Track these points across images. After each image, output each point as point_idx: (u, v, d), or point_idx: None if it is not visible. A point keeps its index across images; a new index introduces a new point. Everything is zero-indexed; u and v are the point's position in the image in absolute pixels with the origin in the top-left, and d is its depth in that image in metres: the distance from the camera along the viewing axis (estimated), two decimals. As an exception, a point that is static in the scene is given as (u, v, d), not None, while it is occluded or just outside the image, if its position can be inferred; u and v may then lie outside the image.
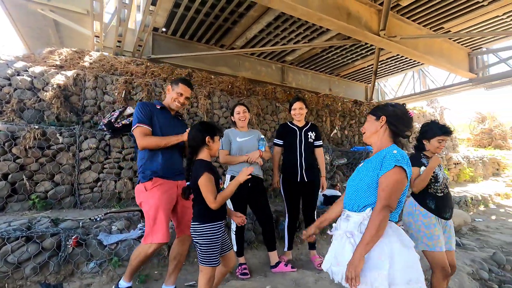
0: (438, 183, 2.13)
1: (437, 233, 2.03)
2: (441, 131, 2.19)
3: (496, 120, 13.43)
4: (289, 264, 2.81)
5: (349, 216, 1.45)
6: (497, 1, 4.98)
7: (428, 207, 2.11)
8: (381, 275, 1.23)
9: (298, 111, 3.03)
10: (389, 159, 1.36)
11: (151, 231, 1.97)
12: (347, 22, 4.66)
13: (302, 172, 2.97)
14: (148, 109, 2.19)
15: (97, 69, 4.85)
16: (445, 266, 2.02)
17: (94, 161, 3.47)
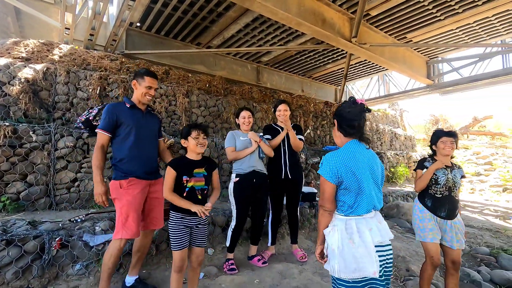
0: (439, 185, 2.35)
1: (429, 226, 2.33)
2: (442, 133, 2.41)
3: (447, 122, 14.82)
4: (261, 260, 2.97)
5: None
6: (452, 16, 5.57)
7: (425, 204, 2.41)
8: (334, 264, 1.46)
9: (283, 112, 3.19)
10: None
11: (123, 227, 2.05)
12: (322, 28, 4.92)
13: (287, 169, 3.14)
14: (115, 115, 2.19)
15: (67, 63, 4.60)
16: (433, 256, 2.31)
17: (71, 160, 3.32)
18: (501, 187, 8.63)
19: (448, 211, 2.32)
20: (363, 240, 1.44)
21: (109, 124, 2.17)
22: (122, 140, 2.20)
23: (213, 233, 3.22)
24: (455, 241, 2.28)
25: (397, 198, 5.96)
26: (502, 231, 4.67)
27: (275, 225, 3.24)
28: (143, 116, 2.33)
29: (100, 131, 2.16)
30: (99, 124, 3.44)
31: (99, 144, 2.14)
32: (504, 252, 3.72)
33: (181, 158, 2.12)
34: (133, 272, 2.33)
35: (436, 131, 2.48)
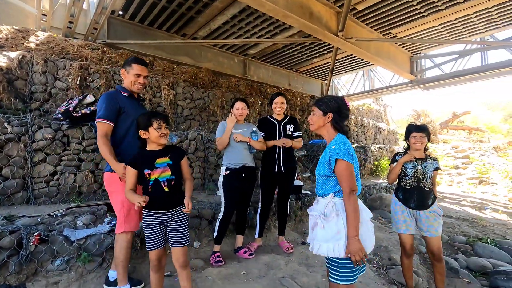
0: (407, 177, 2.43)
1: (402, 218, 2.42)
2: (413, 129, 2.46)
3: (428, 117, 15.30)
4: (247, 252, 2.98)
5: (318, 200, 1.72)
6: (435, 13, 5.69)
7: (398, 197, 2.50)
8: (339, 245, 1.52)
9: (279, 105, 3.18)
10: (333, 153, 1.60)
11: (125, 220, 2.02)
12: (309, 21, 4.91)
13: (280, 163, 3.14)
14: (117, 103, 2.09)
15: (45, 51, 4.39)
16: (405, 246, 2.42)
17: (50, 152, 3.18)
18: (477, 179, 9.03)
19: (417, 201, 2.40)
20: (363, 218, 1.57)
21: (112, 112, 2.05)
22: (122, 129, 2.11)
23: (199, 226, 3.19)
24: (432, 230, 2.36)
25: (380, 190, 6.12)
26: (478, 220, 4.89)
27: (264, 218, 3.25)
28: (137, 106, 2.25)
29: (102, 121, 2.02)
30: (79, 115, 3.35)
31: (102, 133, 2.01)
32: (480, 241, 3.90)
33: (140, 153, 1.92)
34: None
35: (408, 126, 2.54)
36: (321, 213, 1.62)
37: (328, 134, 1.73)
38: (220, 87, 6.41)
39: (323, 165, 1.66)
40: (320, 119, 1.72)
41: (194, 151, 4.35)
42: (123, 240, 2.03)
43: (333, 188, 1.63)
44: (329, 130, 1.72)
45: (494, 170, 9.48)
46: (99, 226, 2.63)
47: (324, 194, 1.66)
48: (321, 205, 1.65)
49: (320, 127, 1.73)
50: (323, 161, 1.68)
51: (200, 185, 4.45)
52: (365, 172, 7.82)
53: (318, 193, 1.73)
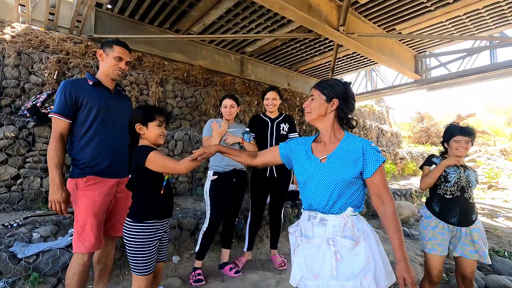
0: (449, 183, 2.02)
1: (429, 235, 2.00)
2: (457, 131, 2.07)
3: (432, 120, 14.91)
4: (233, 270, 2.60)
5: (324, 219, 1.22)
6: (442, 7, 5.33)
7: (432, 209, 2.07)
8: (368, 279, 1.11)
9: (271, 101, 2.83)
10: (373, 154, 1.22)
11: (79, 238, 1.65)
12: (308, 14, 4.56)
13: (272, 167, 2.77)
14: (73, 94, 1.72)
15: (21, 44, 4.05)
16: (432, 270, 2.00)
17: (12, 153, 2.82)
18: (486, 184, 8.62)
19: (460, 215, 1.98)
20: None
21: (68, 106, 1.69)
22: (81, 126, 1.74)
23: (180, 238, 2.81)
24: (468, 251, 1.95)
25: (384, 196, 5.73)
26: (492, 230, 4.49)
27: (254, 229, 2.87)
28: (112, 97, 1.87)
29: (55, 116, 1.68)
30: (48, 111, 2.99)
31: (56, 134, 1.66)
32: (496, 254, 3.50)
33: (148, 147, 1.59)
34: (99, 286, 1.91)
35: (449, 127, 2.14)
36: (333, 239, 1.16)
37: (330, 127, 1.32)
38: (214, 85, 6.06)
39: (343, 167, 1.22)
40: (322, 106, 1.31)
41: (181, 153, 3.99)
42: (77, 263, 1.65)
43: (355, 199, 1.23)
44: (332, 122, 1.32)
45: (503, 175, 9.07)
46: (59, 239, 2.26)
47: (339, 208, 1.21)
48: (332, 227, 1.20)
49: (320, 116, 1.32)
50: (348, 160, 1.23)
51: (187, 190, 4.08)
52: (367, 176, 7.43)
53: (323, 209, 1.23)
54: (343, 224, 1.17)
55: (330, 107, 1.31)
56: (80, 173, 1.69)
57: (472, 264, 1.96)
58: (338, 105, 1.31)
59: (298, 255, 1.27)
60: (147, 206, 1.51)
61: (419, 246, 3.51)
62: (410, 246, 3.56)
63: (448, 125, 2.21)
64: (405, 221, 4.74)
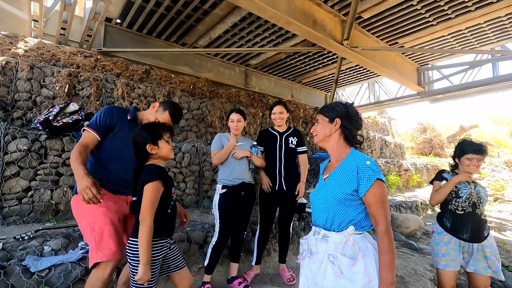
0: (460, 199, 2.03)
1: (443, 251, 1.99)
2: (470, 149, 2.07)
3: (435, 131, 14.91)
4: (242, 284, 2.58)
5: (326, 236, 1.28)
6: (444, 22, 5.43)
7: (444, 225, 2.06)
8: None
9: (278, 115, 2.86)
10: (366, 172, 1.25)
11: (98, 247, 1.58)
12: (313, 29, 4.67)
13: (281, 180, 2.78)
14: (111, 117, 1.83)
15: (34, 58, 4.15)
16: (444, 286, 1.98)
17: (24, 166, 2.86)
18: (492, 196, 8.55)
19: (472, 231, 1.98)
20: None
21: (102, 126, 1.80)
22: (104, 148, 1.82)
23: (188, 251, 2.81)
24: (482, 267, 1.94)
25: (390, 209, 5.69)
26: (501, 244, 4.43)
27: (262, 242, 2.86)
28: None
29: (89, 130, 1.77)
30: (60, 125, 3.05)
31: (82, 142, 1.73)
32: (507, 269, 3.45)
33: (159, 168, 1.60)
34: None
35: (462, 144, 2.14)
36: (334, 256, 1.21)
37: (337, 148, 1.37)
38: (220, 98, 6.15)
39: (340, 186, 1.28)
40: (326, 126, 1.39)
41: (188, 165, 4.02)
42: (97, 279, 1.56)
43: (354, 217, 1.25)
44: (338, 140, 1.38)
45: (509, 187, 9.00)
46: (69, 252, 2.27)
47: (340, 226, 1.26)
48: (333, 244, 1.24)
49: (326, 137, 1.40)
50: (340, 180, 1.30)
51: (194, 202, 4.08)
52: (372, 188, 7.40)
53: (321, 225, 1.31)
54: (344, 242, 1.21)
55: (333, 126, 1.38)
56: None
57: (486, 280, 1.95)
58: (341, 124, 1.37)
59: (304, 267, 1.33)
60: (155, 225, 1.44)
61: (427, 261, 3.47)
62: (419, 260, 3.52)
63: (460, 141, 2.21)
64: (411, 235, 4.70)
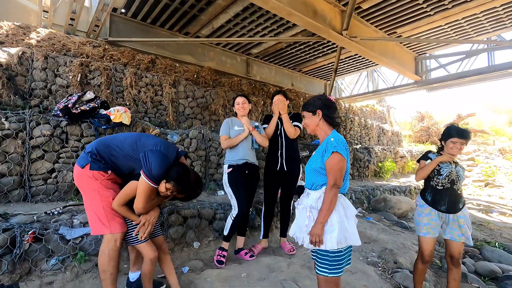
0: (441, 176, 2.29)
1: (424, 221, 2.29)
2: (454, 133, 2.28)
3: (433, 119, 15.13)
4: (248, 254, 2.89)
5: (309, 193, 1.72)
6: (442, 12, 5.58)
7: (425, 199, 2.36)
8: (332, 237, 1.54)
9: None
10: (329, 146, 1.63)
11: (110, 221, 1.82)
12: (313, 19, 4.83)
13: (282, 161, 3.06)
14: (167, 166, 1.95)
15: (46, 48, 4.35)
16: (424, 250, 2.29)
17: (48, 150, 3.12)
18: (483, 182, 8.88)
19: (448, 204, 2.26)
20: (351, 213, 1.64)
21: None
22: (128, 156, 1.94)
23: (199, 226, 3.11)
24: (456, 234, 2.23)
25: (384, 192, 6.01)
26: (485, 224, 4.77)
27: (268, 218, 3.17)
28: None
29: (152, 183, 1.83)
30: (78, 112, 3.28)
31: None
32: (487, 244, 3.79)
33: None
34: (135, 267, 2.18)
35: (449, 128, 2.35)
36: (311, 206, 1.63)
37: (323, 132, 1.76)
38: (222, 86, 6.35)
39: (318, 157, 1.67)
40: (312, 119, 1.78)
41: (195, 150, 4.28)
42: (111, 249, 1.79)
43: (326, 181, 1.63)
44: (324, 127, 1.76)
45: (500, 173, 9.32)
46: (96, 225, 2.55)
47: (316, 187, 1.67)
48: (312, 198, 1.65)
49: (315, 126, 1.78)
50: (318, 153, 1.68)
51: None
52: (368, 174, 7.70)
53: (308, 186, 1.74)
54: (319, 197, 1.63)
55: (317, 117, 1.76)
56: (102, 167, 1.88)
57: (459, 246, 2.25)
58: (322, 114, 1.75)
59: (296, 216, 1.76)
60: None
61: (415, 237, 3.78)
62: (407, 236, 3.84)
63: (448, 125, 2.45)
64: (403, 215, 5.02)
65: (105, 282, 1.80)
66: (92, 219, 1.85)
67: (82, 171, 1.86)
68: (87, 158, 1.87)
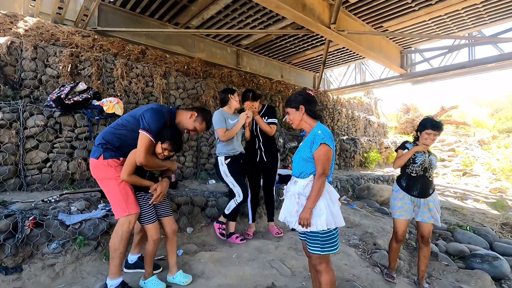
0: (415, 164, 2.51)
1: (399, 205, 2.53)
2: (429, 126, 2.47)
3: (418, 111, 15.60)
4: (239, 238, 3.09)
5: (296, 181, 1.86)
6: (426, 7, 5.79)
7: (400, 185, 2.59)
8: (321, 220, 1.70)
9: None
10: (316, 138, 1.76)
11: (128, 203, 1.99)
12: (302, 13, 4.94)
13: (262, 154, 3.30)
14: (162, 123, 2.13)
15: (34, 37, 4.31)
16: (398, 231, 2.55)
17: (42, 140, 3.18)
18: (461, 171, 9.36)
19: (420, 189, 2.49)
20: (335, 198, 1.80)
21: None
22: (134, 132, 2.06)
23: (192, 213, 3.27)
24: (426, 216, 2.47)
25: (368, 181, 6.30)
26: (459, 209, 5.13)
27: (255, 204, 3.37)
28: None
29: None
30: (71, 102, 3.34)
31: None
32: (459, 228, 4.11)
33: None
34: (136, 250, 2.39)
35: (424, 120, 2.54)
36: (299, 193, 1.77)
37: (308, 124, 1.89)
38: (213, 78, 6.42)
39: (306, 148, 1.80)
40: (296, 114, 1.89)
41: (187, 141, 4.40)
42: (125, 230, 1.96)
43: (313, 170, 1.78)
44: (308, 120, 1.89)
45: (477, 163, 9.83)
46: (93, 211, 2.68)
47: (305, 175, 1.80)
48: (300, 186, 1.80)
49: (300, 121, 1.90)
50: (306, 144, 1.81)
51: (192, 174, 4.51)
52: (354, 164, 8.00)
53: (295, 174, 1.88)
54: (306, 184, 1.77)
55: (300, 112, 1.88)
56: (114, 155, 2.03)
57: (429, 227, 2.50)
58: (304, 108, 1.86)
59: (284, 202, 1.92)
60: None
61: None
62: (387, 221, 4.12)
63: (424, 118, 2.64)
64: (385, 203, 5.32)
65: (114, 260, 1.96)
66: (113, 205, 2.02)
67: (97, 162, 2.01)
68: (99, 149, 2.02)
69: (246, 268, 2.44)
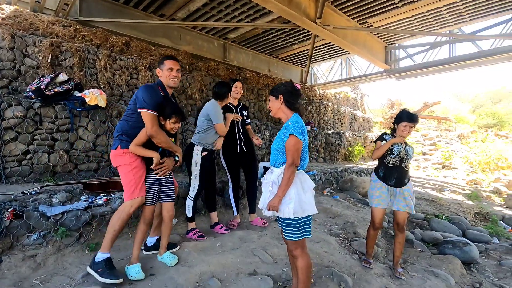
0: (393, 155, 2.61)
1: (376, 194, 2.64)
2: (405, 118, 2.57)
3: (402, 106, 15.98)
4: (223, 228, 3.15)
5: (272, 170, 1.93)
6: (408, 4, 5.92)
7: (378, 175, 2.69)
8: (289, 208, 1.77)
9: (238, 89, 3.37)
10: (287, 129, 1.82)
11: (137, 187, 2.12)
12: (288, 7, 4.97)
13: (241, 144, 3.36)
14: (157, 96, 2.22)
15: (12, 26, 4.17)
16: (375, 219, 2.67)
17: (22, 131, 3.11)
18: (441, 164, 9.71)
19: (397, 179, 2.61)
20: (308, 187, 1.86)
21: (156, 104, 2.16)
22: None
23: (176, 204, 3.27)
24: (401, 205, 2.60)
25: (352, 173, 6.47)
26: (437, 200, 5.35)
27: (237, 195, 3.42)
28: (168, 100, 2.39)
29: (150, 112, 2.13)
30: (52, 94, 3.28)
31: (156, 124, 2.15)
32: (435, 217, 4.31)
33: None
34: (155, 233, 2.56)
35: (401, 113, 2.65)
36: (273, 181, 1.84)
37: (285, 115, 1.94)
38: (199, 71, 6.39)
39: (279, 139, 1.87)
40: (274, 103, 1.96)
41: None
42: (125, 213, 2.08)
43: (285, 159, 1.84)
44: (285, 110, 1.93)
45: (456, 156, 10.22)
46: (75, 203, 2.67)
47: (278, 165, 1.87)
48: (275, 175, 1.87)
49: (277, 109, 1.95)
50: (280, 136, 1.88)
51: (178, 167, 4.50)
52: (339, 157, 8.17)
53: (272, 164, 1.95)
54: (280, 174, 1.84)
55: (279, 101, 1.93)
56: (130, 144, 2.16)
57: (404, 215, 2.63)
58: (283, 98, 1.91)
59: (262, 191, 1.97)
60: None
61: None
62: (368, 212, 4.25)
63: (400, 111, 2.75)
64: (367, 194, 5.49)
65: (108, 235, 2.08)
66: (125, 188, 2.15)
67: (116, 152, 2.18)
68: (117, 141, 2.19)
69: (229, 256, 2.50)
